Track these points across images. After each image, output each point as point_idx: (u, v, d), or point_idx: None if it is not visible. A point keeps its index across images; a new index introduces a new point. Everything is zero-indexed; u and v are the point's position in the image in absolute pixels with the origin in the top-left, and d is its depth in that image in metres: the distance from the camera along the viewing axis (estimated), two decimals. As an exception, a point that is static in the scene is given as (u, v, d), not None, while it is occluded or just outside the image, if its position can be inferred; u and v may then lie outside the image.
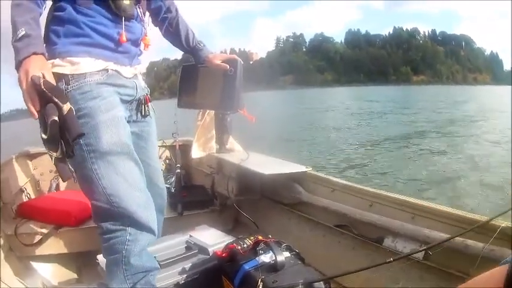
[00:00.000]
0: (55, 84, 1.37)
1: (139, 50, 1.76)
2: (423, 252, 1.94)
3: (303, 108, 37.29)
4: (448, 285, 1.87)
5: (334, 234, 2.47)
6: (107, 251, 1.61)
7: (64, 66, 1.48)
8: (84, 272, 2.53)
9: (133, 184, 1.58)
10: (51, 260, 2.51)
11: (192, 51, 2.00)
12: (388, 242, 2.18)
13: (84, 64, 1.50)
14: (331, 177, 2.74)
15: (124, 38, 1.58)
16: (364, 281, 1.91)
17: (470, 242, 1.83)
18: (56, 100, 1.28)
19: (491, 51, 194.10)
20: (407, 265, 1.92)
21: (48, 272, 2.46)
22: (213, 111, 3.09)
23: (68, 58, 1.49)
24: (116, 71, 1.60)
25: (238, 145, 3.24)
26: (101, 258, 1.91)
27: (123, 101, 1.66)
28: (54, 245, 2.50)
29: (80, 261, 2.57)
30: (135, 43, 1.69)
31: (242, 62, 1.94)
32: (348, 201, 2.48)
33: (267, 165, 2.81)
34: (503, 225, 1.77)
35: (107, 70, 1.56)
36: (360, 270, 1.54)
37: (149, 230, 1.62)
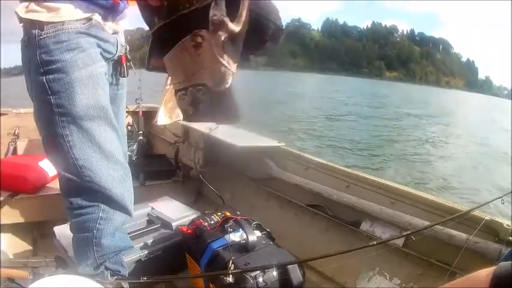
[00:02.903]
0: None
1: (125, 4, 1.55)
2: (403, 238, 1.94)
3: (273, 90, 38.67)
4: (427, 273, 1.88)
5: (307, 214, 2.44)
6: (75, 227, 1.48)
7: (39, 13, 1.28)
8: (40, 243, 2.39)
9: (110, 155, 1.42)
10: (6, 230, 2.35)
11: None
12: (365, 226, 2.17)
13: (65, 10, 1.30)
14: (305, 154, 2.70)
15: None
16: (338, 265, 1.82)
17: (454, 232, 1.84)
18: None
19: (468, 58, 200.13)
20: (386, 251, 1.89)
21: (3, 243, 2.29)
22: None
23: (45, 4, 1.28)
24: (98, 22, 1.41)
25: None
26: (58, 230, 1.82)
27: (103, 57, 1.46)
28: (9, 214, 2.35)
29: (36, 231, 2.44)
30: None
31: None
32: (322, 181, 2.44)
33: (239, 137, 2.72)
34: (487, 218, 1.79)
35: (89, 19, 1.35)
36: (337, 253, 1.48)
37: (123, 209, 1.50)
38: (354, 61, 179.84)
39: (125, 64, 1.65)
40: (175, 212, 2.10)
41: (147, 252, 1.81)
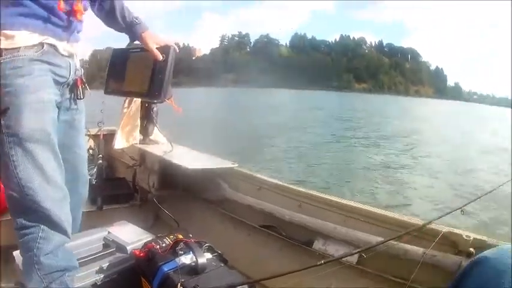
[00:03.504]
0: None
1: (79, 24, 1.66)
2: (357, 256, 1.94)
3: (240, 107, 39.44)
4: None
5: (260, 235, 2.46)
6: (22, 247, 1.55)
7: None
8: (2, 269, 2.34)
9: (50, 178, 1.49)
10: None
11: (128, 27, 1.85)
12: (318, 244, 2.19)
13: (19, 38, 1.42)
14: (257, 175, 2.73)
15: (62, 6, 1.49)
16: (293, 285, 1.82)
17: (409, 247, 1.86)
18: None
19: (437, 66, 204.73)
20: (341, 269, 1.88)
21: None
22: (140, 100, 3.02)
23: (2, 31, 1.39)
24: (52, 46, 1.52)
25: (163, 137, 3.18)
26: (16, 254, 1.82)
27: (56, 82, 1.58)
28: None
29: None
30: (74, 15, 1.59)
31: (177, 50, 1.85)
32: (275, 200, 2.46)
33: (192, 159, 2.77)
34: (444, 230, 1.82)
35: (42, 45, 1.47)
36: (287, 273, 1.52)
37: (62, 231, 1.55)
38: (323, 75, 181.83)
39: (80, 87, 1.74)
40: (131, 235, 2.13)
41: (102, 276, 1.82)
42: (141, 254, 1.78)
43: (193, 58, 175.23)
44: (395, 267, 1.89)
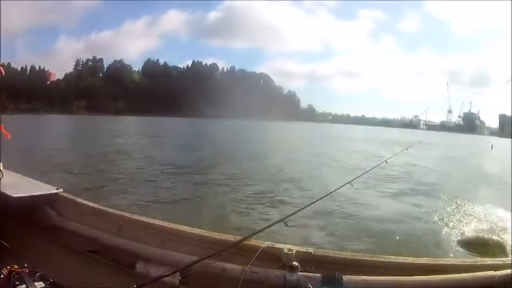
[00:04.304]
0: None
1: None
2: (178, 276, 1.96)
3: (84, 134, 39.00)
4: None
5: (87, 260, 2.42)
6: None
7: None
8: None
9: None
10: None
11: None
12: (140, 267, 2.20)
13: None
14: (81, 200, 2.73)
15: None
16: None
17: (228, 265, 1.92)
18: None
19: (289, 90, 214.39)
20: None
21: None
22: None
23: None
24: None
25: None
26: None
27: None
28: None
29: None
30: None
31: (3, 73, 1.80)
32: (97, 225, 2.47)
33: (19, 186, 2.66)
34: (264, 245, 1.89)
35: None
36: None
37: None
38: (174, 101, 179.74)
39: None
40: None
41: None
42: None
43: (48, 83, 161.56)
44: (219, 285, 1.93)
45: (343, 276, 1.79)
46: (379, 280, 1.85)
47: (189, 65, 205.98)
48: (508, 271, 1.79)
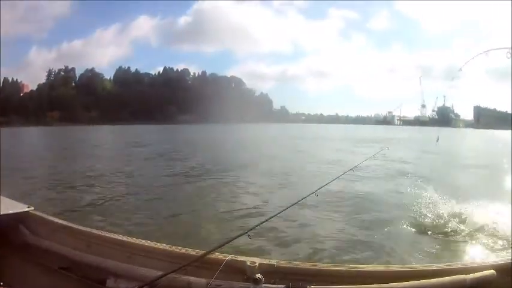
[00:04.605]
0: None
1: None
2: None
3: (58, 146, 38.81)
4: None
5: (60, 277, 2.42)
6: None
7: None
8: None
9: None
10: None
11: None
12: (110, 282, 2.19)
13: None
14: (52, 218, 2.74)
15: None
16: None
17: (192, 278, 1.93)
18: None
19: (261, 92, 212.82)
20: None
21: None
22: None
23: None
24: None
25: None
26: None
27: None
28: None
29: None
30: None
31: None
32: (68, 242, 2.47)
33: None
34: (227, 258, 1.90)
35: None
36: None
37: None
38: (146, 108, 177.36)
39: None
40: None
41: None
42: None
43: (21, 95, 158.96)
44: None
45: (308, 287, 1.88)
46: None
47: (161, 71, 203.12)
48: (478, 274, 1.84)
